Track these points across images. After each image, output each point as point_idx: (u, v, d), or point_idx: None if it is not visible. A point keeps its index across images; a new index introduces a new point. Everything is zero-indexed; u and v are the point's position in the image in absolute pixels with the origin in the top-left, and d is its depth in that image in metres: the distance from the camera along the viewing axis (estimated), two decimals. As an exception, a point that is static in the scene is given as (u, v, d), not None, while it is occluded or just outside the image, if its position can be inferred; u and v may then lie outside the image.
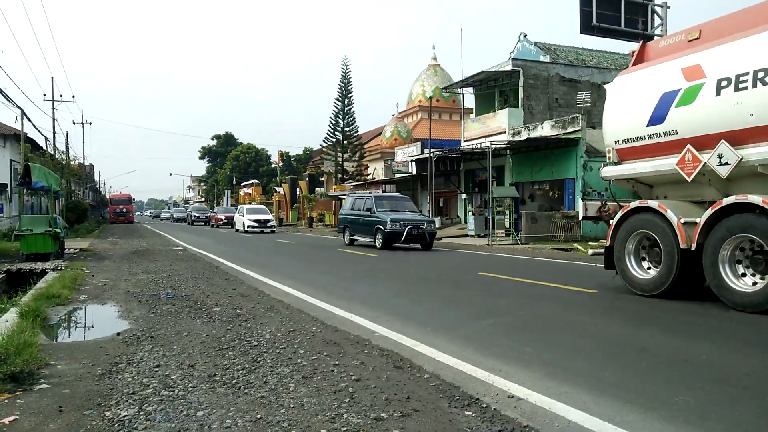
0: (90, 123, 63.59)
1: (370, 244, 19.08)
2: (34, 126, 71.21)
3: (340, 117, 42.88)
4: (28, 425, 3.36)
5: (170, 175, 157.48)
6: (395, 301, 8.21)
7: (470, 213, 26.72)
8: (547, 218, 22.17)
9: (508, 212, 23.07)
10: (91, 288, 9.23)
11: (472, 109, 31.89)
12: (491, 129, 27.15)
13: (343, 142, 43.04)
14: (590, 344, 5.44)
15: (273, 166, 74.77)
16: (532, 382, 4.12)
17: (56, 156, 34.33)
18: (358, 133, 44.65)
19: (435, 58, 46.95)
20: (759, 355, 5.03)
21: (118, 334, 5.75)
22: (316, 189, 51.05)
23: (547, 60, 28.16)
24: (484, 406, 3.65)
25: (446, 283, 10.17)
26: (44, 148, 31.73)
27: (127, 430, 3.26)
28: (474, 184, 29.17)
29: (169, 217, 71.07)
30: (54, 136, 36.12)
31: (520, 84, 26.38)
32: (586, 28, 16.51)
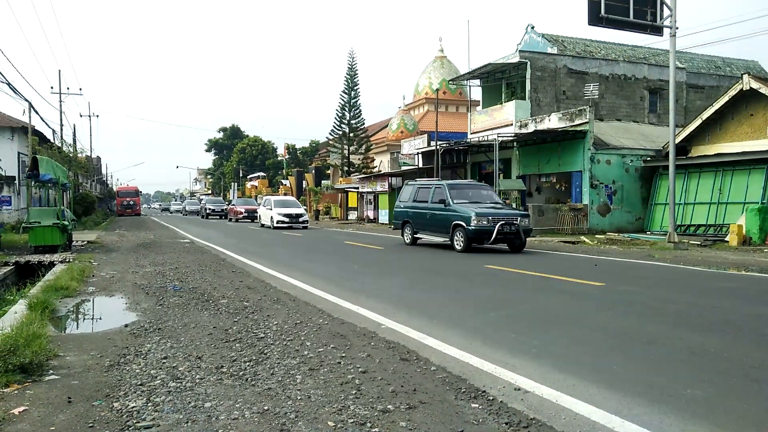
0: (97, 116, 63.88)
1: (444, 244, 15.83)
2: (42, 119, 71.35)
3: (347, 109, 42.77)
4: (38, 416, 3.39)
5: (177, 167, 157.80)
6: (402, 293, 8.21)
7: (477, 206, 26.64)
8: (554, 211, 22.14)
9: (514, 205, 23.01)
10: (98, 280, 9.28)
11: (479, 102, 31.77)
12: (498, 121, 27.05)
13: (350, 135, 42.96)
14: (597, 337, 5.42)
15: (279, 158, 74.76)
16: (538, 375, 4.11)
17: (64, 148, 34.49)
18: (365, 126, 44.54)
19: (442, 50, 46.66)
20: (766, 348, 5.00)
21: (126, 326, 5.79)
22: (323, 181, 51.11)
23: (555, 52, 27.95)
24: (491, 398, 3.65)
25: (453, 276, 10.17)
26: (52, 141, 31.84)
27: (135, 421, 3.28)
28: (481, 177, 29.07)
29: (181, 210, 65.73)
30: (61, 129, 36.31)
31: (528, 76, 26.23)
32: (595, 20, 16.37)
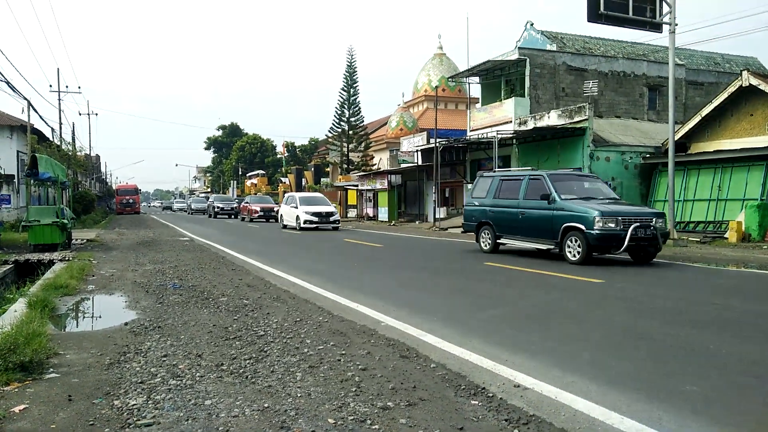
0: (96, 114, 63.81)
1: (542, 252, 12.57)
2: (41, 117, 71.29)
3: (346, 107, 42.76)
4: (38, 414, 3.39)
5: (176, 165, 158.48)
6: (401, 290, 8.22)
7: (476, 203, 26.61)
8: (554, 208, 22.10)
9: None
10: (98, 278, 9.28)
11: (478, 99, 31.73)
12: (497, 118, 27.04)
13: (349, 132, 42.95)
14: (597, 334, 5.43)
15: (278, 156, 74.73)
16: (538, 372, 4.12)
17: (63, 147, 34.48)
18: (364, 123, 44.52)
19: (441, 47, 46.63)
20: (767, 345, 5.01)
21: (126, 324, 5.79)
22: (322, 179, 51.14)
23: (554, 49, 27.92)
24: (491, 395, 3.66)
25: (453, 273, 10.17)
26: (51, 139, 31.81)
27: (136, 419, 3.28)
28: (480, 174, 29.07)
29: (185, 208, 61.49)
30: (60, 127, 36.26)
31: (527, 73, 26.21)
32: (594, 16, 16.35)
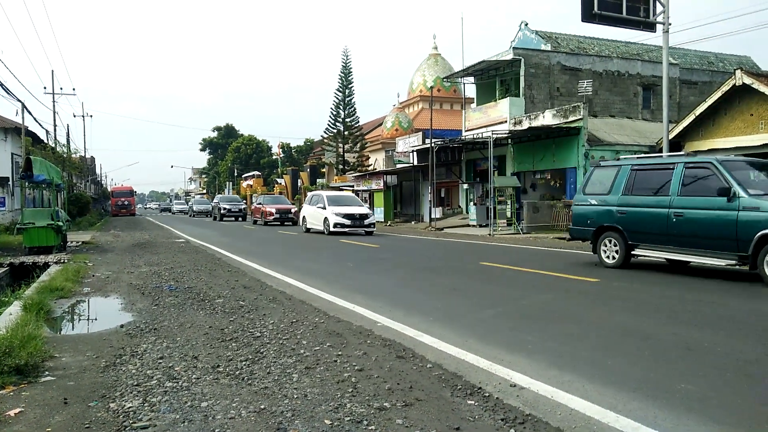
0: (90, 116, 63.10)
1: (713, 267, 9.82)
2: (35, 119, 71.07)
3: (341, 108, 42.72)
4: (34, 417, 3.38)
5: (171, 167, 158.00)
6: (398, 291, 8.22)
7: (472, 203, 26.72)
8: (549, 207, 22.18)
9: (509, 202, 23.06)
10: (94, 281, 9.25)
11: (473, 99, 31.78)
12: (492, 118, 27.07)
13: (344, 133, 42.90)
14: (592, 333, 5.45)
15: (274, 157, 74.57)
16: (534, 371, 4.13)
17: (57, 149, 34.34)
18: (359, 124, 44.49)
19: (436, 48, 46.66)
20: (763, 344, 5.03)
21: (122, 327, 5.77)
22: (318, 180, 51.06)
23: (549, 49, 27.99)
24: (487, 395, 3.67)
25: (448, 273, 10.18)
26: (45, 141, 31.70)
27: (132, 421, 3.27)
28: (475, 174, 29.13)
29: (186, 210, 57.28)
30: (55, 129, 36.18)
31: (521, 73, 26.26)
32: (588, 16, 16.38)
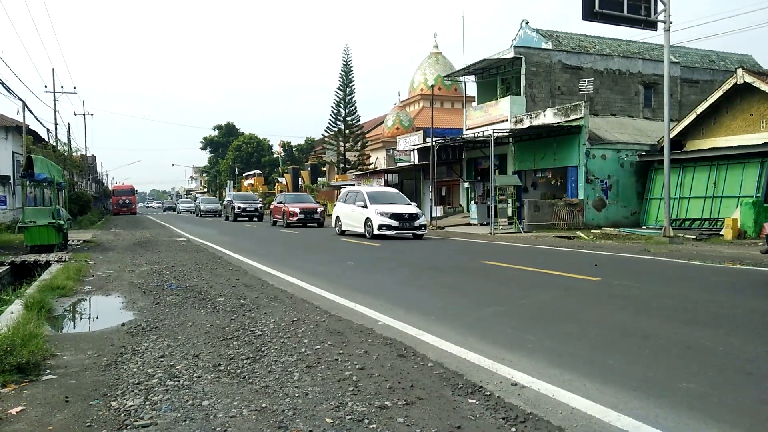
0: (91, 114, 63.46)
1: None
2: (36, 118, 71.29)
3: (342, 106, 42.77)
4: (35, 415, 3.38)
5: (172, 165, 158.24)
6: (399, 289, 8.23)
7: (473, 202, 26.70)
8: (550, 206, 22.18)
9: (510, 201, 23.05)
10: (95, 279, 9.26)
11: (474, 98, 31.76)
12: (493, 117, 27.06)
13: (345, 132, 42.96)
14: (594, 332, 5.45)
15: (275, 156, 74.58)
16: (535, 370, 4.13)
17: (58, 147, 34.38)
18: (360, 123, 44.53)
19: (437, 46, 46.70)
20: (763, 342, 5.03)
21: (123, 325, 5.78)
22: (318, 179, 51.10)
23: (550, 47, 27.97)
24: (488, 393, 3.67)
25: (450, 272, 10.18)
26: (46, 140, 31.75)
27: (133, 420, 3.28)
28: (476, 173, 29.11)
29: (192, 209, 52.78)
30: (56, 128, 36.24)
31: (522, 71, 26.23)
32: (589, 15, 16.39)
